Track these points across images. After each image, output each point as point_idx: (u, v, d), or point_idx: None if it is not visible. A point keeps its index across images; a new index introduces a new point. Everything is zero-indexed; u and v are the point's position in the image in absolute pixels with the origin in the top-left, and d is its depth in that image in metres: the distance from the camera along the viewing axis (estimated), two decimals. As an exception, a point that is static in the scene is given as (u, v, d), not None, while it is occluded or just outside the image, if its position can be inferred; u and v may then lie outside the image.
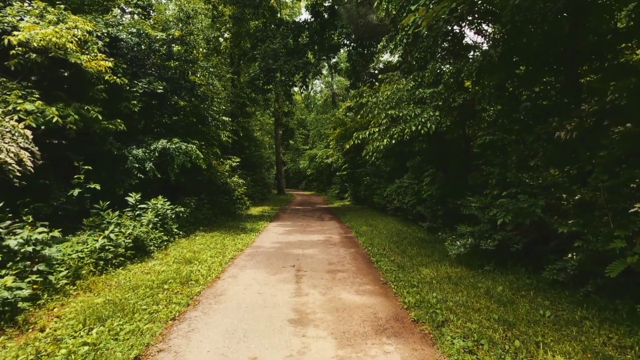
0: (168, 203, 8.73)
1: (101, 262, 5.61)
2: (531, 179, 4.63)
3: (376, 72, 17.85)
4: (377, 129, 6.71)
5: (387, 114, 6.53)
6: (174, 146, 9.68)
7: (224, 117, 13.17)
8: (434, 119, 6.27)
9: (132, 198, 7.43)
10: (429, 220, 9.34)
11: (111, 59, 8.54)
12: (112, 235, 6.00)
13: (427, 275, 5.70)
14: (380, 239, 9.12)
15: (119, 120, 8.42)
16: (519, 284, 4.90)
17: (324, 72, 48.82)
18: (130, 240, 6.44)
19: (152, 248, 7.21)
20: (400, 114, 6.50)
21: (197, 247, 8.10)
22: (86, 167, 6.76)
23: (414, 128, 6.22)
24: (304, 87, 15.32)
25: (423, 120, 6.25)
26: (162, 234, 8.02)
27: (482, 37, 7.12)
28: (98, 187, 6.68)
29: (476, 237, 5.74)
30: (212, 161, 15.10)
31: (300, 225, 12.35)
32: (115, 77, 8.59)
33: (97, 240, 5.74)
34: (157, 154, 9.49)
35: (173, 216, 9.25)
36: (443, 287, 5.00)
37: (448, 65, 6.65)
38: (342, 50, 20.53)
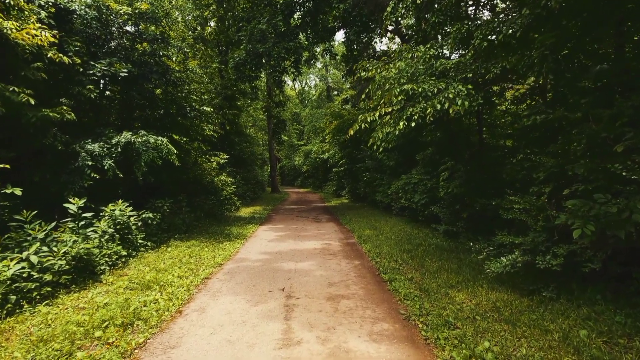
0: (130, 209, 7.13)
1: (12, 298, 4.03)
2: (632, 171, 3.14)
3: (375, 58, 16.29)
4: (389, 109, 5.19)
5: (402, 90, 4.99)
6: (140, 140, 8.07)
7: (205, 108, 11.51)
8: (464, 94, 4.74)
9: (73, 205, 5.81)
10: (446, 223, 7.85)
11: (54, 31, 6.91)
12: (33, 258, 4.40)
13: (464, 304, 4.20)
14: (389, 246, 7.61)
15: (64, 108, 6.80)
16: (607, 323, 3.40)
17: (319, 65, 47.45)
18: (65, 262, 4.85)
19: (103, 268, 5.63)
20: (420, 90, 4.96)
21: (165, 263, 6.53)
22: (2, 165, 5.09)
23: (438, 107, 4.69)
24: (297, 73, 13.72)
25: (450, 95, 4.72)
26: (121, 247, 6.44)
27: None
28: (18, 191, 5.05)
29: (528, 251, 4.24)
30: (197, 158, 13.56)
31: (294, 228, 10.82)
32: (61, 56, 6.95)
33: (8, 267, 4.15)
34: (119, 150, 7.87)
35: (139, 224, 7.67)
36: (495, 329, 3.50)
37: (479, 24, 5.10)
38: (337, 34, 19.01)
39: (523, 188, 5.25)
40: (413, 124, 4.86)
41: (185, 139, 11.81)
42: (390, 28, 14.64)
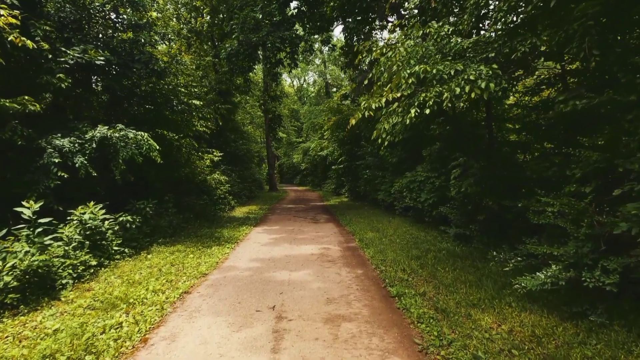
0: (103, 212, 6.35)
1: None
2: None
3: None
4: (397, 94, 4.40)
5: (413, 72, 4.20)
6: (117, 134, 7.27)
7: (195, 101, 10.68)
8: (488, 75, 3.95)
9: (27, 209, 5.00)
10: (457, 226, 7.08)
11: (16, 11, 6.10)
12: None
13: (493, 330, 3.43)
14: (394, 251, 6.85)
15: (26, 98, 6.00)
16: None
17: (317, 61, 46.52)
18: (12, 277, 4.07)
19: (65, 282, 4.85)
20: (434, 71, 4.17)
21: (141, 273, 5.75)
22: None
23: (457, 90, 3.91)
24: (293, 64, 12.90)
25: (471, 77, 3.93)
26: (90, 256, 5.65)
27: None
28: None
29: (571, 265, 3.47)
30: (190, 155, 12.78)
31: (291, 230, 10.04)
32: (24, 39, 6.13)
33: None
34: (94, 145, 7.07)
35: (116, 228, 6.88)
36: (540, 370, 2.73)
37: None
38: (336, 30, 18.18)
39: (552, 187, 4.47)
40: (427, 111, 4.07)
41: (174, 135, 11.05)
42: (391, 18, 13.82)
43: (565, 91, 4.23)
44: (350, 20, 13.04)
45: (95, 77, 8.56)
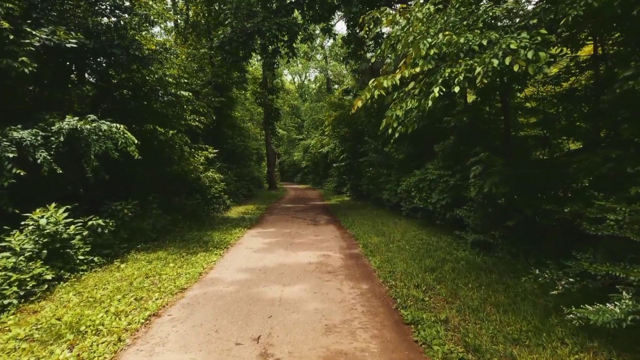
0: (64, 215, 5.47)
1: None
2: None
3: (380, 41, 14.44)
4: (416, 70, 3.47)
5: (436, 43, 3.29)
6: (89, 126, 6.39)
7: (183, 93, 9.77)
8: (532, 44, 3.04)
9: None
10: (476, 231, 6.18)
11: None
12: None
13: (548, 383, 2.54)
14: (404, 261, 5.95)
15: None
16: None
17: (319, 57, 45.51)
18: None
19: (8, 302, 3.98)
20: (461, 40, 3.25)
21: (107, 288, 4.88)
22: None
23: (495, 63, 2.99)
24: (291, 53, 11.98)
25: (512, 46, 3.02)
26: (47, 268, 4.78)
27: None
28: None
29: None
30: (183, 151, 11.91)
31: (288, 233, 9.16)
32: (-26, 15, 5.26)
33: None
34: (62, 139, 6.19)
35: (85, 234, 6.01)
36: None
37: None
38: (337, 19, 17.25)
39: (606, 188, 3.56)
40: (456, 89, 3.15)
41: (161, 129, 10.19)
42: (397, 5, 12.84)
43: (633, 67, 3.28)
44: (353, 4, 12.04)
45: (69, 63, 7.64)
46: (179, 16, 19.80)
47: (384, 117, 4.00)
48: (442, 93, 3.22)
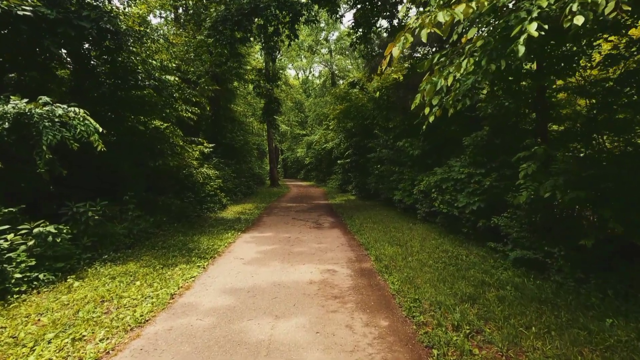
0: (-7, 222, 4.27)
1: None
2: None
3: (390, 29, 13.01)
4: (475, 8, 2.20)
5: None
6: (40, 110, 5.18)
7: (168, 77, 8.52)
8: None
9: None
10: (522, 246, 4.88)
11: None
12: None
13: None
14: (430, 283, 4.68)
15: None
16: None
17: (324, 51, 44.09)
18: None
19: None
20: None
21: (38, 323, 3.67)
22: None
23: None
24: (293, 36, 10.69)
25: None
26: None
27: None
28: None
29: None
30: (174, 145, 10.74)
31: (287, 239, 7.92)
32: None
33: None
34: (7, 125, 5.00)
35: (31, 243, 4.80)
36: None
37: None
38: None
39: None
40: (521, 49, 1.86)
41: (169, 125, 9.05)
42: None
43: None
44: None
45: (25, 35, 6.40)
46: (181, 1, 18.52)
47: (420, 87, 2.72)
48: (542, 33, 1.94)
